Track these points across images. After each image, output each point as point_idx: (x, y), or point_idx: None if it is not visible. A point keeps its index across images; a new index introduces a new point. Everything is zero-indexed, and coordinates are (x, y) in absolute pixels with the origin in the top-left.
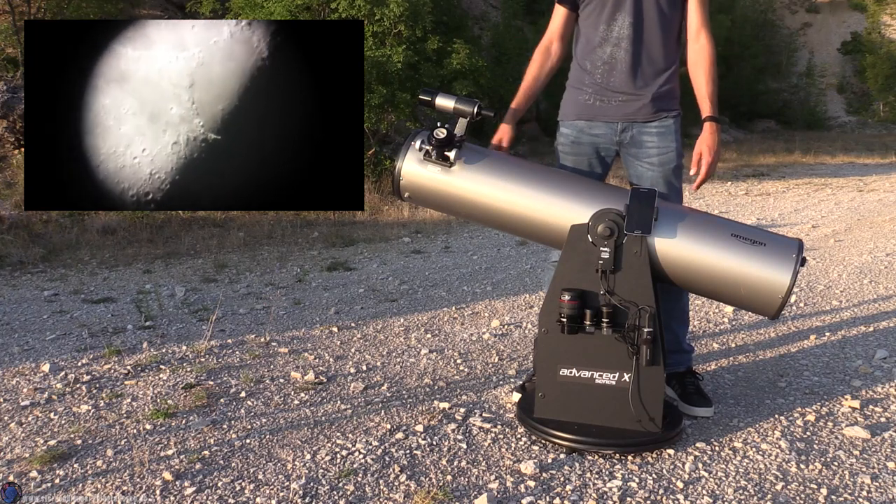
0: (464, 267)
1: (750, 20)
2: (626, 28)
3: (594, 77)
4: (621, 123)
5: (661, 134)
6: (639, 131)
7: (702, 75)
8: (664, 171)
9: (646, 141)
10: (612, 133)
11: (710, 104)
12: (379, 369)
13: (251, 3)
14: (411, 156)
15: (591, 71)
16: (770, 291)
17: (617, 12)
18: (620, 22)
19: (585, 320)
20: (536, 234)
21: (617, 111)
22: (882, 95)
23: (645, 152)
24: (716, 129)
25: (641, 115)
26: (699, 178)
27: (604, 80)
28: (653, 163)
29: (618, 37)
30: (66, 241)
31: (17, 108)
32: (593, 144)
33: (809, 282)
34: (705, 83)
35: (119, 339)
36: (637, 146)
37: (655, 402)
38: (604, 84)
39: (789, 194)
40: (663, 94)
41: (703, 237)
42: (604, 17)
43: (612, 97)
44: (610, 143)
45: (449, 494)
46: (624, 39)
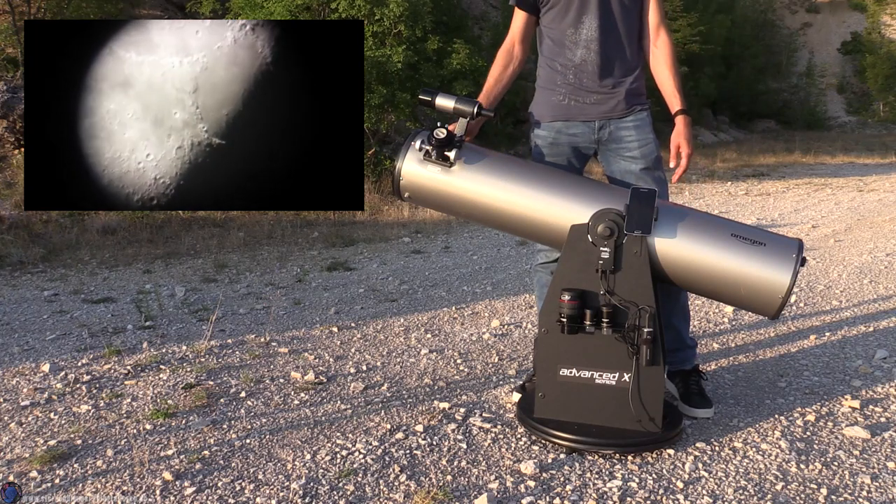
0: (464, 267)
1: (750, 20)
2: (593, 30)
3: (566, 77)
4: (598, 122)
5: (638, 127)
6: (616, 127)
7: (666, 71)
8: (647, 162)
9: (624, 136)
10: (591, 132)
11: (680, 98)
12: (379, 369)
13: (251, 2)
14: (411, 156)
15: (563, 72)
16: (770, 291)
17: (583, 15)
18: (588, 24)
19: (585, 320)
20: (536, 234)
21: (593, 110)
22: (882, 95)
23: (626, 147)
24: (689, 121)
25: (617, 112)
26: (679, 170)
27: (577, 80)
28: (635, 156)
29: (587, 39)
30: (66, 241)
31: (17, 108)
32: (571, 144)
33: (809, 282)
34: (670, 78)
35: (119, 339)
36: (616, 142)
37: (655, 402)
38: (577, 84)
39: (789, 194)
40: (634, 90)
41: (703, 237)
42: (569, 20)
43: (587, 96)
44: (588, 141)
45: (449, 494)
46: (593, 41)
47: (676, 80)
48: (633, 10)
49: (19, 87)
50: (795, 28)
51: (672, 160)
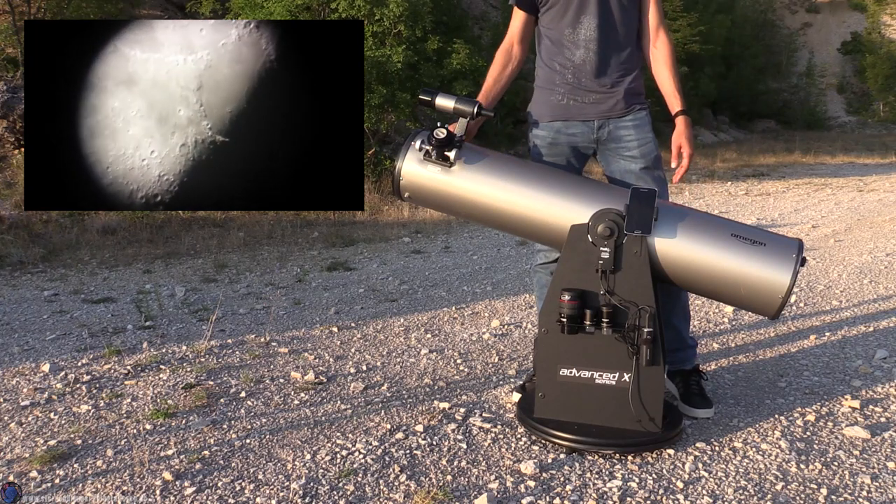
0: (464, 267)
1: (750, 20)
2: (592, 30)
3: (565, 77)
4: (597, 121)
5: (637, 126)
6: (615, 126)
7: (666, 71)
8: (647, 162)
9: (623, 135)
10: (590, 131)
11: (680, 98)
12: (379, 369)
13: (251, 2)
14: (411, 156)
15: (562, 72)
16: (770, 291)
17: (581, 15)
18: (586, 24)
19: (585, 320)
20: (536, 234)
21: (592, 109)
22: (882, 95)
23: (625, 146)
24: (689, 121)
25: (616, 111)
26: (681, 170)
27: (576, 80)
28: (634, 155)
29: (586, 39)
30: (66, 241)
31: (17, 108)
32: (570, 144)
33: (809, 282)
34: (670, 78)
35: (119, 339)
36: (616, 141)
37: (655, 402)
38: (576, 84)
39: (789, 194)
40: (633, 90)
41: (703, 237)
42: (568, 20)
43: (586, 96)
44: (588, 141)
45: (449, 494)
46: (592, 42)
47: (676, 80)
48: (632, 11)
49: (19, 87)
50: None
51: (673, 160)
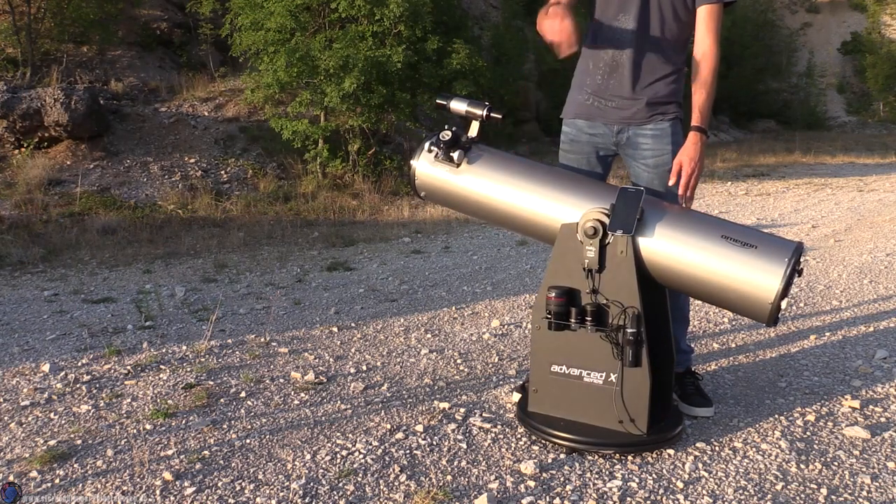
0: (464, 267)
1: (750, 20)
2: (627, 32)
3: (595, 78)
4: (617, 126)
5: (656, 136)
6: (634, 133)
7: (696, 86)
8: (659, 173)
9: (641, 143)
10: (610, 133)
11: (700, 115)
12: (379, 369)
13: (251, 3)
14: (425, 156)
15: (593, 72)
16: (758, 297)
17: (620, 13)
18: (623, 23)
19: (571, 318)
20: (536, 232)
21: (613, 114)
22: (882, 95)
23: (640, 154)
24: (699, 139)
25: (637, 119)
26: (680, 189)
27: (604, 81)
28: (647, 164)
29: (620, 39)
30: (66, 241)
31: (17, 108)
32: (592, 143)
33: (809, 282)
34: (700, 93)
35: (119, 339)
36: (633, 147)
37: (639, 403)
38: (603, 86)
39: (789, 194)
40: (660, 99)
41: (691, 238)
42: (609, 14)
43: (609, 101)
44: (609, 143)
45: (449, 494)
46: (625, 43)
47: (703, 97)
48: (679, 18)
49: (19, 87)
50: (795, 28)
51: (671, 178)
